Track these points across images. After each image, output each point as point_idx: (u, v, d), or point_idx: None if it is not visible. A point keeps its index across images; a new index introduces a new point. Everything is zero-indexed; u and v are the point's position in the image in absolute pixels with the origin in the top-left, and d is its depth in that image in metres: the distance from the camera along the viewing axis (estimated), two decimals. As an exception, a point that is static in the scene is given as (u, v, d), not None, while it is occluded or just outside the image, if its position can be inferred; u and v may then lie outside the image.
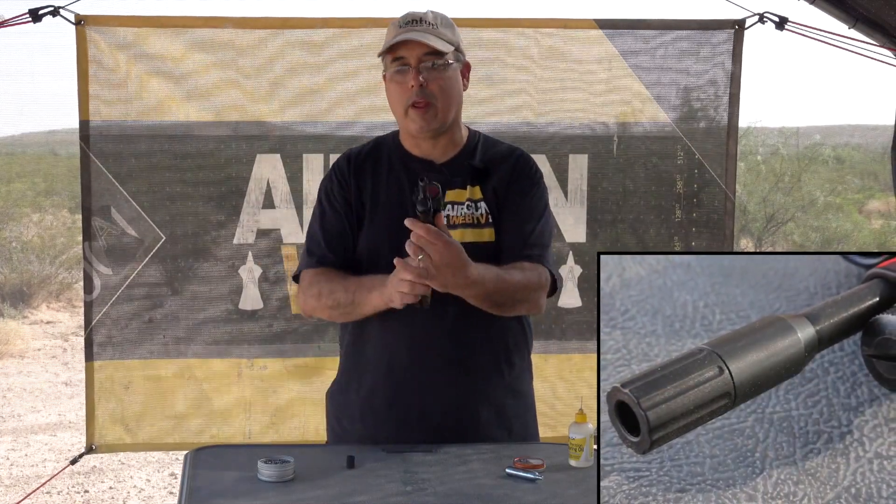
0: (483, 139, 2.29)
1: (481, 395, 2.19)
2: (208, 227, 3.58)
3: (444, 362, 2.15)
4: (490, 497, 1.80)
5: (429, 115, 2.13)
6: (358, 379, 2.23)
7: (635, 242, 3.72)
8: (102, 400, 3.57)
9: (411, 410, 2.16)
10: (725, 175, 3.71)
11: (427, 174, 2.01)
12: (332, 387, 2.32)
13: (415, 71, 2.11)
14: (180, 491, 1.86)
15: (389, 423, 2.17)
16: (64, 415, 6.61)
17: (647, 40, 3.63)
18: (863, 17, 3.50)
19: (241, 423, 3.63)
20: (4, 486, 5.13)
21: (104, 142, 3.50)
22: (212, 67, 3.51)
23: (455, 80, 2.18)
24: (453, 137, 2.23)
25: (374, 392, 2.19)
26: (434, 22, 2.16)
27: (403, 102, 2.14)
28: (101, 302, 3.54)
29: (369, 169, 2.22)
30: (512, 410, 2.24)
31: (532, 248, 2.18)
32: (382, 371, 2.18)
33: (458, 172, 2.20)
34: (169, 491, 5.06)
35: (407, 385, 2.16)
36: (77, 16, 3.42)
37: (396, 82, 2.15)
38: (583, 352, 3.72)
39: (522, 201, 2.21)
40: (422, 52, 2.12)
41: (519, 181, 2.22)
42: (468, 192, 2.20)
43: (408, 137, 2.23)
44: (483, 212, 2.19)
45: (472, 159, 2.23)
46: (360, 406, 2.21)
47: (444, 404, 2.16)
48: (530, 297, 2.16)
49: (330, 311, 2.19)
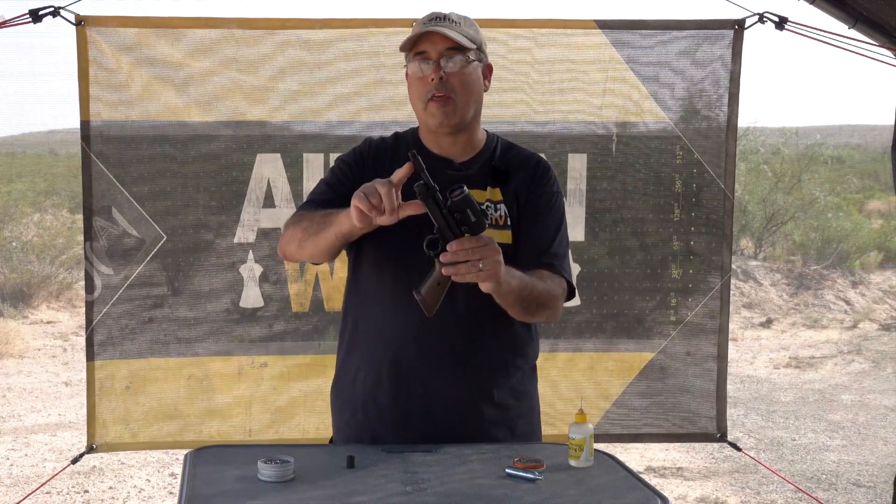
0: (501, 142, 2.30)
1: (486, 394, 2.19)
2: (209, 226, 3.59)
3: (451, 359, 2.16)
4: (490, 497, 1.80)
5: (448, 108, 2.14)
6: (363, 371, 2.22)
7: (635, 242, 3.73)
8: (103, 400, 3.57)
9: (415, 405, 2.16)
10: (725, 175, 3.71)
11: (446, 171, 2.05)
12: (336, 378, 2.31)
13: (436, 64, 2.13)
14: (180, 491, 1.86)
15: (392, 417, 2.17)
16: (64, 415, 6.62)
17: (647, 40, 3.63)
18: (863, 17, 3.50)
19: (241, 422, 3.63)
20: (4, 486, 5.13)
21: (105, 142, 3.51)
22: (212, 67, 3.51)
23: (476, 78, 2.19)
24: (472, 137, 2.24)
25: (379, 385, 2.19)
26: (458, 20, 2.18)
27: (423, 95, 2.15)
28: (102, 301, 3.55)
29: (387, 160, 2.21)
30: (515, 411, 2.25)
31: (552, 256, 2.21)
32: (387, 364, 2.18)
33: (478, 172, 2.21)
34: (169, 491, 5.06)
35: (412, 380, 2.16)
36: (77, 16, 3.42)
37: (417, 76, 2.16)
38: (582, 351, 3.72)
39: (543, 209, 2.23)
40: (444, 47, 2.13)
41: (540, 188, 2.24)
42: (488, 193, 2.20)
43: (427, 134, 2.23)
44: (502, 213, 2.20)
45: (491, 160, 2.23)
46: (363, 398, 2.21)
47: (448, 401, 2.16)
48: (553, 305, 2.19)
49: (302, 234, 2.12)
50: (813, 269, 12.03)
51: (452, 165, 2.20)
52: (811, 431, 6.49)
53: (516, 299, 2.07)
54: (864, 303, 11.36)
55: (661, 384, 3.76)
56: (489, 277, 1.93)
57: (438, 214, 1.91)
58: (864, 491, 5.24)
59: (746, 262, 12.16)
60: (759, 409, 7.06)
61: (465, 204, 1.91)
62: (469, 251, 1.89)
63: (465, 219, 1.91)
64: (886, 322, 10.57)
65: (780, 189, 13.19)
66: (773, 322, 10.54)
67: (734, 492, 5.15)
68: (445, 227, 1.92)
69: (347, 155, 2.27)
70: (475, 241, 1.90)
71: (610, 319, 3.72)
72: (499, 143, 2.29)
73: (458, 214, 1.91)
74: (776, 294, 11.45)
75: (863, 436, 6.39)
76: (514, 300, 2.07)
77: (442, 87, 2.12)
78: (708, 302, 3.75)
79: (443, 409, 2.16)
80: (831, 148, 16.33)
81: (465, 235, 1.91)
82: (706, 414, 3.78)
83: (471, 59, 2.16)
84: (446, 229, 1.92)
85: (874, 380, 8.16)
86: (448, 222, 1.91)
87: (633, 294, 3.73)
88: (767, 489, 5.19)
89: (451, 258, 1.89)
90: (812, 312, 10.91)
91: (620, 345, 3.74)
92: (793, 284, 11.74)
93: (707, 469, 5.55)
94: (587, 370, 3.73)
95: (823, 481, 5.40)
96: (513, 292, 2.04)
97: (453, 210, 1.91)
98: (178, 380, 3.61)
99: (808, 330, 10.30)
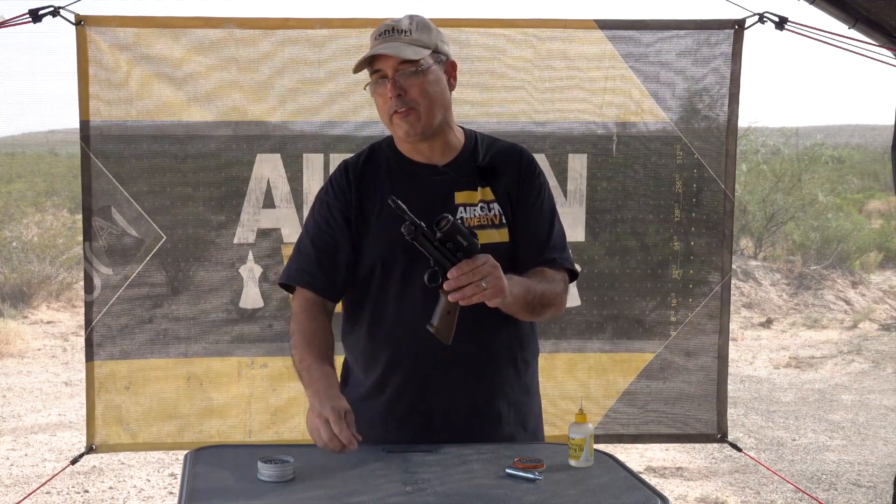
0: (480, 138, 2.29)
1: (500, 393, 2.21)
2: (209, 226, 3.58)
3: (467, 363, 2.16)
4: (490, 497, 1.80)
5: (411, 118, 2.13)
6: (378, 386, 2.21)
7: (635, 242, 3.72)
8: (102, 400, 3.57)
9: (435, 413, 2.17)
10: (725, 175, 3.70)
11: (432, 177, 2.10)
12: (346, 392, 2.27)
13: (392, 81, 2.12)
14: (180, 491, 1.86)
15: (413, 427, 2.17)
16: (64, 415, 6.61)
17: (647, 40, 3.63)
18: (863, 17, 3.49)
19: (241, 422, 3.63)
20: (4, 486, 5.13)
21: (104, 142, 3.51)
22: (212, 67, 3.51)
23: (436, 83, 2.16)
24: (448, 139, 2.23)
25: (400, 397, 2.18)
26: (409, 28, 2.15)
27: (387, 111, 2.16)
28: (102, 302, 3.55)
29: (370, 178, 2.22)
30: (527, 408, 2.27)
31: (552, 251, 2.22)
32: (403, 376, 2.17)
33: (464, 173, 2.21)
34: (169, 491, 5.06)
35: (431, 388, 2.16)
36: (77, 16, 3.42)
37: (378, 94, 2.17)
38: (583, 351, 3.72)
39: (535, 204, 2.23)
40: (397, 62, 2.13)
41: (529, 182, 2.24)
42: (480, 194, 2.20)
43: (403, 142, 2.23)
44: (497, 213, 2.20)
45: (475, 160, 2.23)
46: (382, 412, 2.20)
47: (468, 404, 2.17)
48: (556, 302, 2.21)
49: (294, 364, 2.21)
50: (813, 269, 12.02)
51: (437, 170, 2.20)
52: (811, 431, 6.49)
53: (522, 305, 2.10)
54: (864, 303, 11.36)
55: (661, 384, 3.76)
56: (495, 294, 1.97)
57: (431, 248, 1.97)
58: (864, 491, 5.24)
59: (746, 262, 12.16)
60: (759, 409, 7.06)
61: (453, 231, 1.96)
62: (469, 274, 1.94)
63: (458, 245, 1.97)
64: (886, 322, 10.57)
65: (780, 189, 13.19)
66: (773, 322, 10.53)
67: (734, 492, 5.15)
68: (441, 258, 1.97)
69: (326, 195, 2.24)
70: (472, 263, 1.95)
71: (610, 320, 3.72)
72: (478, 141, 2.28)
73: (449, 243, 1.97)
74: (776, 294, 11.45)
75: (863, 436, 6.39)
76: (521, 307, 2.10)
77: (402, 102, 2.12)
78: (708, 302, 3.74)
79: (462, 414, 2.17)
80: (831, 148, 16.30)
81: (463, 260, 1.96)
82: (707, 414, 3.78)
83: (426, 67, 2.14)
84: (442, 259, 1.97)
85: (874, 380, 8.15)
86: (442, 252, 1.97)
87: (633, 294, 3.73)
88: (767, 489, 5.19)
89: (454, 285, 1.94)
90: (812, 312, 10.90)
91: (621, 345, 3.73)
92: (793, 284, 11.73)
93: (707, 469, 5.55)
94: (588, 370, 3.73)
95: (823, 481, 5.40)
96: (518, 300, 2.07)
97: (444, 240, 1.96)
98: (177, 380, 3.61)
99: (808, 330, 10.30)
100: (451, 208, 2.15)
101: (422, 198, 2.13)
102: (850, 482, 5.39)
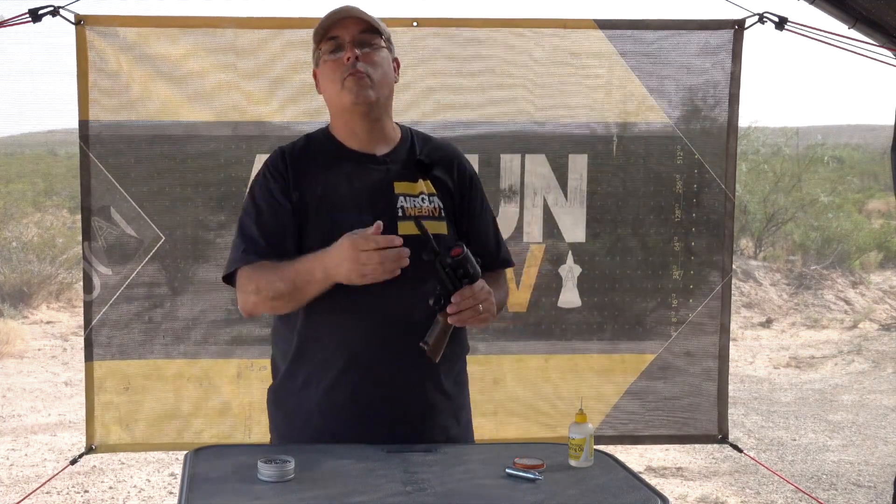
0: (416, 133, 2.32)
1: (435, 384, 2.21)
2: (208, 227, 3.58)
3: (404, 352, 2.15)
4: (490, 497, 1.80)
5: (364, 83, 2.14)
6: (316, 375, 2.18)
7: (635, 243, 3.72)
8: (102, 400, 3.57)
9: (374, 402, 2.15)
10: (725, 175, 3.70)
11: (370, 165, 2.18)
12: (280, 386, 2.26)
13: (350, 45, 2.14)
14: (180, 491, 1.85)
15: (349, 417, 2.15)
16: (64, 415, 6.61)
17: (647, 40, 3.63)
18: (863, 17, 3.49)
19: (241, 422, 3.63)
20: (4, 486, 5.13)
21: (104, 142, 3.50)
22: (211, 67, 3.51)
23: (388, 64, 2.20)
24: (386, 128, 2.24)
25: (336, 387, 2.16)
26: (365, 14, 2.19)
27: (339, 77, 2.15)
28: (101, 302, 3.54)
29: (305, 164, 2.20)
30: (459, 401, 2.28)
31: (501, 253, 2.36)
32: (342, 365, 2.15)
33: (405, 165, 2.22)
34: (169, 491, 5.06)
35: (370, 377, 2.15)
36: (77, 16, 3.42)
37: (331, 61, 2.16)
38: (583, 352, 3.72)
39: (479, 211, 2.31)
40: (357, 30, 2.15)
41: (470, 189, 2.30)
42: (421, 186, 2.22)
43: (342, 130, 2.22)
44: (437, 206, 2.22)
45: (413, 153, 2.25)
46: (318, 402, 2.18)
47: (404, 393, 2.17)
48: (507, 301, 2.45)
49: (272, 303, 2.15)
50: (813, 269, 12.02)
51: (375, 159, 2.21)
52: (811, 431, 6.49)
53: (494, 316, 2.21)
54: (864, 303, 11.36)
55: (662, 385, 3.75)
56: (487, 319, 2.11)
57: (443, 274, 2.07)
58: (864, 491, 5.24)
59: (746, 262, 12.16)
60: (759, 410, 7.06)
61: (466, 260, 2.07)
62: (470, 300, 2.06)
63: (466, 272, 2.07)
64: (886, 322, 10.57)
65: (780, 189, 13.19)
66: (773, 322, 10.54)
67: (734, 492, 5.15)
68: (448, 283, 2.07)
69: (265, 179, 2.20)
70: (473, 290, 2.07)
71: (610, 320, 3.72)
72: (414, 136, 2.30)
73: (460, 270, 2.07)
74: (776, 294, 11.45)
75: (863, 436, 6.39)
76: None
77: (357, 65, 2.13)
78: (709, 302, 3.74)
79: (400, 403, 2.17)
80: (831, 148, 16.32)
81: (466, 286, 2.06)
82: (707, 415, 3.78)
83: (381, 46, 2.18)
84: (449, 284, 2.07)
85: (874, 380, 8.15)
86: (451, 278, 2.07)
87: (633, 294, 3.73)
88: (767, 489, 5.19)
89: (456, 310, 2.05)
90: (812, 312, 10.91)
91: (621, 345, 3.73)
92: (793, 284, 11.73)
93: (707, 469, 5.55)
94: (588, 371, 3.73)
95: (823, 481, 5.40)
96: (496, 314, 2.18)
97: (455, 267, 2.06)
98: (177, 380, 3.60)
99: (808, 330, 10.30)
100: (391, 197, 2.17)
101: (360, 185, 2.16)
102: (850, 482, 5.39)
